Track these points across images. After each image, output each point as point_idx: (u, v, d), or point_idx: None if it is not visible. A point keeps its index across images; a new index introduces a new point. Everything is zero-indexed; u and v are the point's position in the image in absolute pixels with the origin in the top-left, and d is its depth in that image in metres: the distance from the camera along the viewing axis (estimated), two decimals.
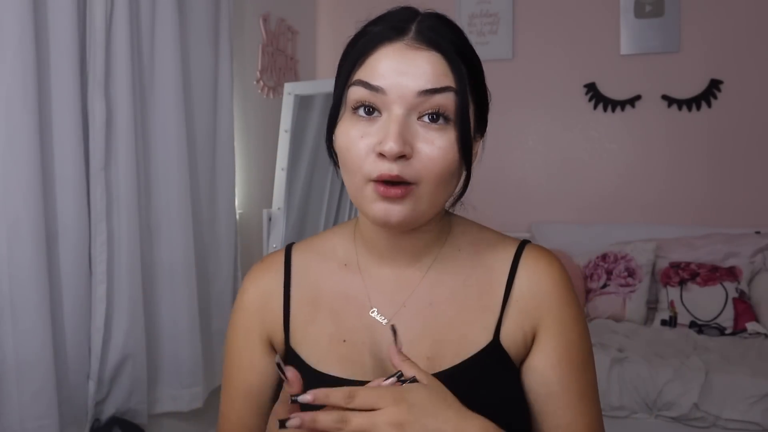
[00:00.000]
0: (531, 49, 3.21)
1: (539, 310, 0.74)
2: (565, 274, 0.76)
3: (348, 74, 0.70)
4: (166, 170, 2.05)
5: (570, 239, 3.03)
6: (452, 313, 0.74)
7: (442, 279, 0.76)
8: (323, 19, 3.52)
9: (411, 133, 0.66)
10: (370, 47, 0.68)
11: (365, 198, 0.68)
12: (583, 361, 0.75)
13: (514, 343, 0.74)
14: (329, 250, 0.81)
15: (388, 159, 0.65)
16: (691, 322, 2.57)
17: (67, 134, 1.71)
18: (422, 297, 0.76)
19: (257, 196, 2.78)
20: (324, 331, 0.76)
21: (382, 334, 0.75)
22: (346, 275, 0.79)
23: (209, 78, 2.30)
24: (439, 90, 0.66)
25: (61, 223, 1.72)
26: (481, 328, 0.74)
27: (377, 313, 0.76)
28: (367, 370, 0.74)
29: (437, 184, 0.67)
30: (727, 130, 2.97)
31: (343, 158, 0.70)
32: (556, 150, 3.22)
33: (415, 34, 0.67)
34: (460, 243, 0.78)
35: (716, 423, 2.04)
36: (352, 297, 0.77)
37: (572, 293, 0.76)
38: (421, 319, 0.74)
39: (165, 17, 2.03)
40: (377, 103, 0.67)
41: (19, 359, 1.57)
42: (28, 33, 1.57)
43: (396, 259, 0.77)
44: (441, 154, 0.66)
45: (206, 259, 2.30)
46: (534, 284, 0.75)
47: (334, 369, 0.74)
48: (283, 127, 2.56)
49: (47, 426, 1.61)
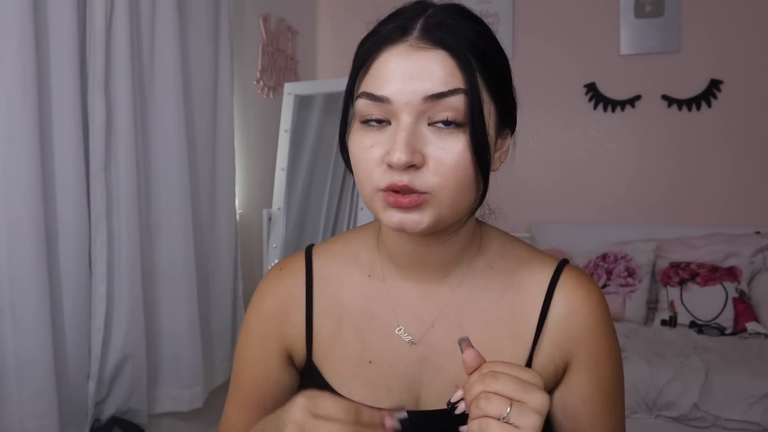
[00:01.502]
0: (531, 49, 3.21)
1: (573, 342, 0.70)
2: (603, 303, 0.72)
3: (354, 80, 0.66)
4: (166, 170, 2.05)
5: (570, 239, 3.03)
6: (483, 337, 0.70)
7: (473, 298, 0.71)
8: (323, 19, 3.52)
9: (421, 140, 0.61)
10: (374, 50, 0.64)
11: (377, 207, 0.65)
12: (614, 396, 0.72)
13: (545, 375, 0.70)
14: (352, 256, 0.77)
15: (397, 169, 0.61)
16: (691, 322, 2.57)
17: (67, 134, 1.71)
18: (451, 317, 0.71)
19: (257, 196, 2.78)
20: (349, 350, 0.72)
21: (408, 356, 0.71)
22: (370, 287, 0.74)
23: (209, 78, 2.30)
24: (447, 93, 0.60)
25: (61, 223, 1.72)
26: (511, 356, 0.70)
27: (404, 332, 0.72)
28: (394, 395, 0.70)
29: (453, 191, 0.62)
30: (727, 130, 2.97)
31: (355, 168, 0.66)
32: (556, 150, 3.22)
33: (420, 33, 0.62)
34: (492, 257, 0.74)
35: (716, 423, 2.04)
36: (377, 313, 0.73)
37: (609, 325, 0.72)
38: (450, 342, 0.69)
39: (165, 17, 2.03)
40: (385, 113, 0.62)
41: (19, 359, 1.57)
42: (28, 33, 1.57)
43: (422, 272, 0.72)
44: (455, 159, 0.61)
45: (206, 259, 2.30)
46: (571, 315, 0.70)
47: (359, 393, 0.70)
48: (283, 127, 2.56)
49: (47, 426, 1.61)
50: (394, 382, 0.70)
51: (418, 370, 0.71)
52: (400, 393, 0.70)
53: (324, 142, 2.74)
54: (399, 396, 0.70)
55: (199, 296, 2.18)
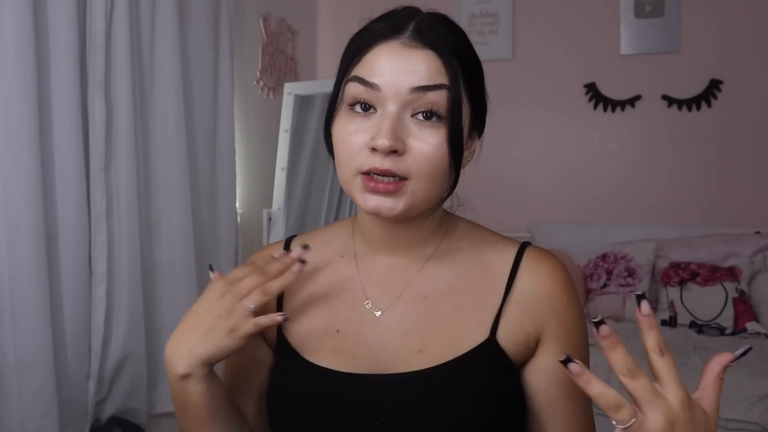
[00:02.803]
0: (531, 49, 3.21)
1: (543, 311, 0.74)
2: (568, 277, 0.76)
3: (346, 70, 0.71)
4: (166, 170, 2.05)
5: (570, 239, 3.03)
6: (447, 307, 0.74)
7: (439, 273, 0.76)
8: (323, 19, 3.52)
9: (404, 129, 0.67)
10: (368, 44, 0.70)
11: (355, 189, 0.69)
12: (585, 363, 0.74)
13: (514, 343, 0.73)
14: (327, 241, 0.83)
15: (380, 153, 0.66)
16: (691, 322, 2.57)
17: (67, 134, 1.71)
18: (417, 290, 0.76)
19: (257, 196, 2.79)
20: (317, 322, 0.77)
21: (375, 326, 0.75)
22: (341, 265, 0.79)
23: (209, 78, 2.30)
24: (432, 87, 0.67)
25: (61, 223, 1.72)
26: (477, 324, 0.73)
27: (371, 305, 0.76)
28: (360, 363, 0.73)
29: (429, 180, 0.68)
30: (727, 130, 2.97)
31: (337, 151, 0.71)
32: (556, 150, 3.22)
33: (412, 33, 0.69)
34: (459, 241, 0.79)
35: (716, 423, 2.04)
36: (346, 288, 0.78)
37: (576, 296, 0.77)
38: (416, 312, 0.75)
39: (165, 17, 2.03)
40: (372, 100, 0.68)
41: (19, 359, 1.57)
42: (28, 33, 1.57)
43: (392, 250, 0.77)
44: (432, 151, 0.67)
45: (206, 259, 2.30)
46: (537, 286, 0.74)
47: (326, 361, 0.74)
48: (283, 127, 2.56)
49: (47, 426, 1.61)
50: (360, 350, 0.74)
51: (384, 339, 0.74)
52: (366, 360, 0.74)
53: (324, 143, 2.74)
54: (365, 362, 0.73)
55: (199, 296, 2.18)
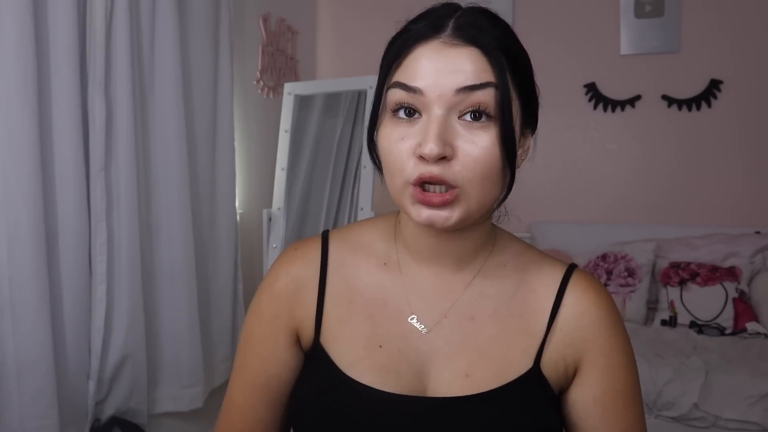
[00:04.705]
0: (531, 49, 3.14)
1: (584, 341, 0.71)
2: (612, 305, 0.74)
3: (386, 75, 0.68)
4: (166, 170, 2.05)
5: (570, 239, 3.03)
6: (494, 331, 0.71)
7: (486, 292, 0.73)
8: (323, 19, 3.52)
9: (452, 133, 0.64)
10: (408, 46, 0.66)
11: (406, 200, 0.66)
12: (628, 396, 0.72)
13: (555, 372, 0.71)
14: (368, 245, 0.78)
15: (428, 161, 0.63)
16: (691, 322, 2.57)
17: (67, 134, 1.71)
18: (464, 309, 0.72)
19: (257, 196, 2.78)
20: (359, 334, 0.72)
21: (419, 344, 0.71)
22: (385, 275, 0.75)
23: (209, 78, 2.30)
24: (478, 86, 0.63)
25: (61, 223, 1.72)
26: (522, 351, 0.71)
27: (416, 321, 0.73)
28: (402, 382, 0.70)
29: (482, 185, 0.65)
30: (727, 130, 2.97)
31: (384, 160, 0.68)
32: (556, 150, 3.22)
33: (453, 31, 0.65)
34: (506, 257, 0.75)
35: (716, 423, 2.04)
36: (390, 300, 0.74)
37: (620, 325, 0.73)
38: (462, 334, 0.71)
39: (165, 17, 2.03)
40: (416, 105, 0.65)
41: (19, 359, 1.57)
42: (28, 33, 1.57)
43: (439, 263, 0.73)
44: (483, 153, 0.64)
45: (206, 259, 2.30)
46: (580, 314, 0.72)
47: (366, 376, 0.70)
48: (283, 127, 2.56)
49: (47, 426, 1.61)
50: (403, 368, 0.70)
51: (428, 358, 0.71)
52: (408, 379, 0.70)
53: (324, 142, 2.74)
54: (408, 382, 0.70)
55: (199, 296, 2.18)
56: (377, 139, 0.70)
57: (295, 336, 0.77)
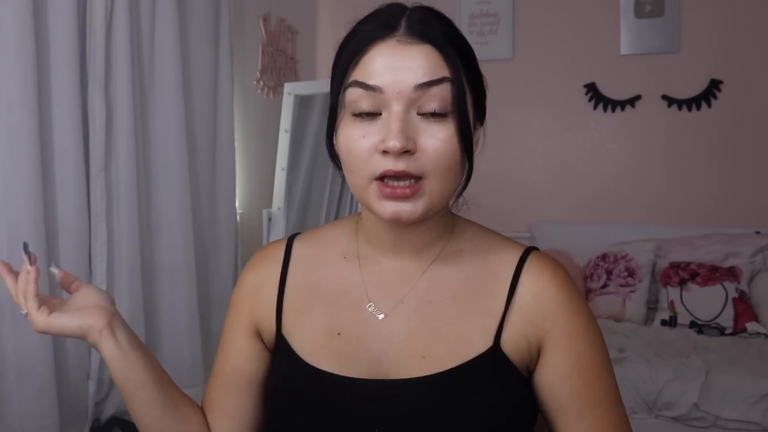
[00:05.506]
0: (531, 49, 3.21)
1: (544, 319, 0.72)
2: (570, 282, 0.75)
3: (343, 76, 0.70)
4: (166, 170, 2.05)
5: (570, 239, 3.03)
6: (451, 313, 0.73)
7: (443, 277, 0.75)
8: (323, 19, 3.52)
9: (412, 128, 0.66)
10: (363, 47, 0.69)
11: (370, 197, 0.68)
12: (596, 371, 0.73)
13: (518, 351, 0.72)
14: (330, 241, 0.81)
15: (392, 155, 0.65)
16: (691, 322, 2.57)
17: (67, 134, 1.71)
18: (421, 294, 0.74)
19: (257, 196, 2.78)
20: (318, 323, 0.75)
21: (377, 330, 0.73)
22: (344, 267, 0.78)
23: (209, 78, 2.30)
24: (435, 82, 0.66)
25: (61, 223, 1.72)
26: (481, 331, 0.72)
27: (374, 308, 0.75)
28: (361, 367, 0.72)
29: (444, 176, 0.67)
30: (727, 130, 2.97)
31: (345, 159, 0.70)
32: (556, 150, 3.22)
33: (406, 29, 0.68)
34: (463, 243, 0.77)
35: (716, 423, 2.04)
36: (349, 290, 0.76)
37: (580, 302, 0.74)
38: (419, 317, 0.73)
39: (165, 17, 2.03)
40: (375, 102, 0.67)
41: (19, 359, 1.58)
42: (28, 33, 1.57)
43: (398, 253, 0.76)
44: (443, 145, 0.66)
45: (206, 259, 2.30)
46: (538, 292, 0.73)
47: (326, 363, 0.72)
48: (283, 127, 2.56)
49: (47, 426, 1.61)
50: (362, 353, 0.73)
51: (387, 343, 0.73)
52: (368, 364, 0.72)
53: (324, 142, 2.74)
54: (367, 367, 0.72)
55: (199, 296, 2.18)
56: (336, 140, 0.72)
57: (255, 330, 0.81)
